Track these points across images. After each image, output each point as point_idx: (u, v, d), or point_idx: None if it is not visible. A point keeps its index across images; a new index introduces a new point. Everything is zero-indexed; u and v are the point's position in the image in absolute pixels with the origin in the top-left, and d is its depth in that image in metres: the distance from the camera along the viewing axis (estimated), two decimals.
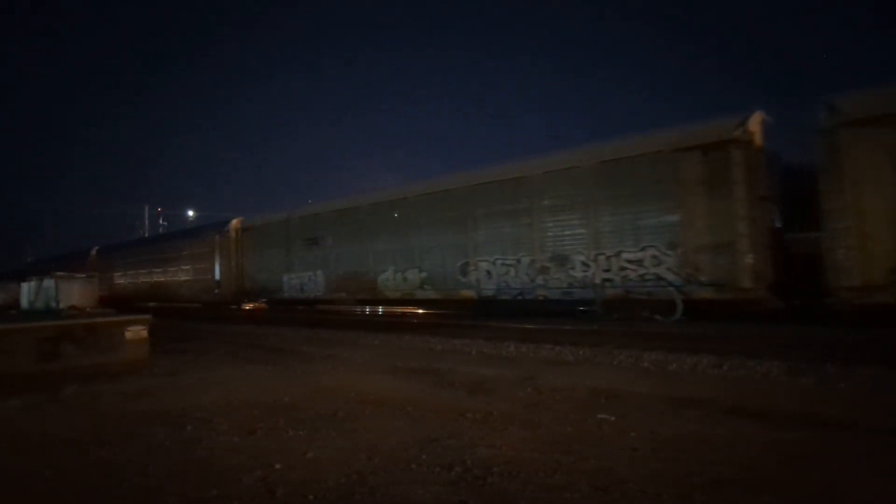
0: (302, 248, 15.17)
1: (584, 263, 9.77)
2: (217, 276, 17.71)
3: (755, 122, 8.17)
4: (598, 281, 9.58)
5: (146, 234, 42.52)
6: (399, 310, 14.79)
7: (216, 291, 17.69)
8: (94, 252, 26.48)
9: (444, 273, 11.96)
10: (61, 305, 7.59)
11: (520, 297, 10.73)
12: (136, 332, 6.58)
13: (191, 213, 46.66)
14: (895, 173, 6.78)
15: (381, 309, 15.31)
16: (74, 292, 7.96)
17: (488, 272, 11.17)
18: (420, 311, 14.11)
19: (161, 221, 45.57)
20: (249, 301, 17.39)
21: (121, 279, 23.91)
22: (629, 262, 9.22)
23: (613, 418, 3.40)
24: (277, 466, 2.67)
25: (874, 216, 6.93)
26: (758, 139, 8.13)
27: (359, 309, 15.48)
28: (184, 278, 19.55)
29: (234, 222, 17.73)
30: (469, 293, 11.53)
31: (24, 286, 8.51)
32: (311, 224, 15.13)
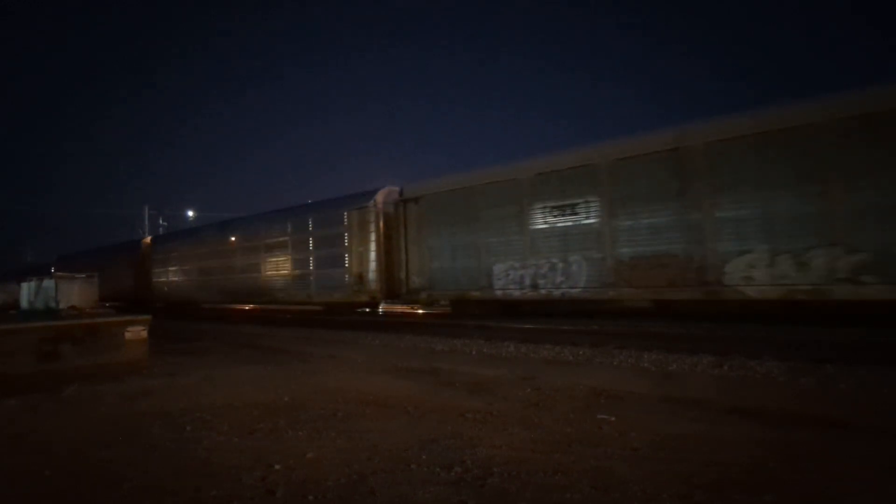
0: (539, 220, 9.71)
1: None
2: (351, 268, 12.84)
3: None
4: None
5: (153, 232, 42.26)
6: (398, 310, 14.38)
7: (354, 289, 12.79)
8: (146, 242, 21.97)
9: None
10: (61, 306, 7.58)
11: None
12: (136, 332, 6.58)
13: (190, 213, 46.63)
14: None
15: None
16: (74, 292, 7.95)
17: None
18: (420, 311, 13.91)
19: (161, 222, 45.53)
20: (410, 301, 12.46)
21: (181, 275, 19.17)
22: None
23: (613, 418, 3.40)
24: (277, 467, 2.67)
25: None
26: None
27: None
28: (283, 272, 14.81)
29: (382, 193, 12.82)
30: None
31: (24, 286, 8.50)
32: (564, 182, 9.44)
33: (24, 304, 8.41)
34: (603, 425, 3.28)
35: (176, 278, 19.42)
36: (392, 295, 12.53)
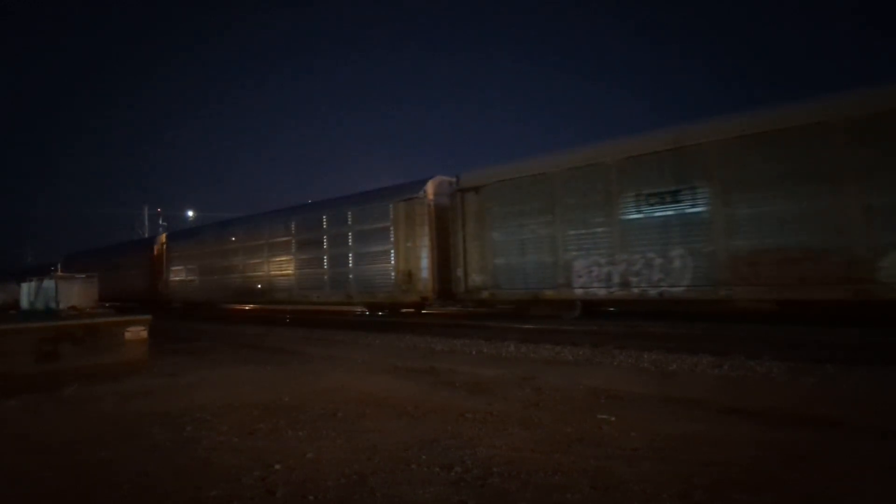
0: (631, 210, 8.51)
1: None
2: (398, 265, 11.64)
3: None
4: None
5: (144, 233, 42.21)
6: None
7: (402, 288, 11.53)
8: (162, 239, 20.65)
9: None
10: (61, 306, 7.58)
11: None
12: (136, 332, 6.58)
13: (190, 213, 46.65)
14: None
15: None
16: (74, 293, 7.95)
17: None
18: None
19: (161, 222, 45.54)
20: (469, 301, 11.07)
21: (200, 274, 17.89)
22: None
23: (613, 418, 3.40)
24: (277, 467, 2.67)
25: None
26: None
27: None
28: (317, 271, 13.61)
29: (433, 183, 11.61)
30: None
31: (24, 286, 8.51)
32: (663, 166, 8.26)
33: (24, 304, 8.41)
34: (603, 425, 3.28)
35: (194, 277, 18.11)
36: (446, 295, 11.30)
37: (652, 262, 8.29)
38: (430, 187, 11.56)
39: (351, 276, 12.79)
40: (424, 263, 11.35)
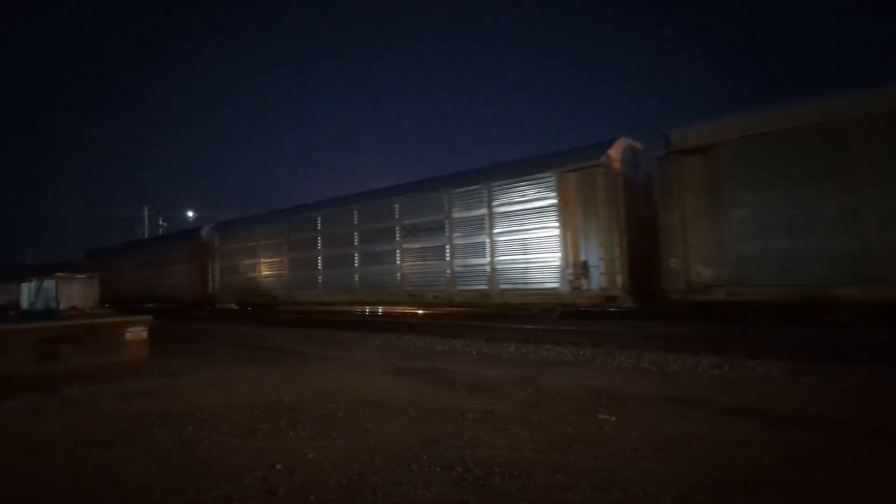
0: None
1: None
2: (566, 255, 9.06)
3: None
4: None
5: (145, 235, 42.15)
6: (398, 310, 14.09)
7: (574, 284, 8.96)
8: (204, 233, 18.05)
9: None
10: (61, 306, 7.59)
11: None
12: (136, 332, 6.58)
13: (190, 213, 46.65)
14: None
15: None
16: (74, 293, 7.96)
17: None
18: (419, 311, 13.81)
19: (161, 222, 45.53)
20: (687, 301, 8.06)
21: (264, 270, 15.59)
22: None
23: (614, 418, 3.41)
24: (278, 467, 2.67)
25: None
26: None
27: None
28: (437, 262, 10.97)
29: (619, 146, 9.04)
30: None
31: (24, 287, 8.51)
32: None
33: (24, 304, 8.42)
34: (604, 425, 3.28)
35: (254, 273, 15.82)
36: (640, 292, 8.80)
37: None
38: (614, 152, 8.83)
39: (489, 269, 10.06)
40: (616, 252, 8.66)
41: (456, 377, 5.02)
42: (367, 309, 15.25)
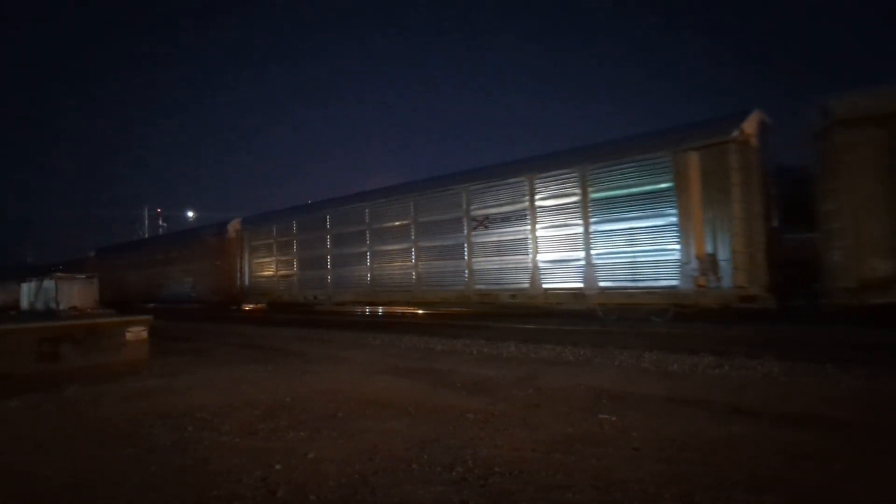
0: None
1: None
2: (688, 247, 7.64)
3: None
4: None
5: (145, 235, 42.11)
6: (398, 310, 14.02)
7: (698, 281, 7.47)
8: (235, 226, 16.28)
9: None
10: (61, 306, 7.59)
11: None
12: (136, 332, 6.58)
13: (190, 213, 46.67)
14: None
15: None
16: (74, 293, 7.96)
17: None
18: (419, 311, 13.77)
19: (161, 222, 45.55)
20: (859, 300, 6.51)
21: (302, 267, 14.06)
22: None
23: (614, 418, 3.41)
24: (278, 467, 2.67)
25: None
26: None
27: None
28: (516, 257, 9.55)
29: (752, 120, 7.63)
30: None
31: (24, 287, 8.51)
32: None
33: (24, 304, 8.42)
34: (604, 425, 3.28)
35: (289, 271, 14.43)
36: (780, 291, 7.30)
37: None
38: (750, 125, 7.46)
39: (587, 265, 8.67)
40: (752, 243, 7.26)
41: (456, 377, 5.02)
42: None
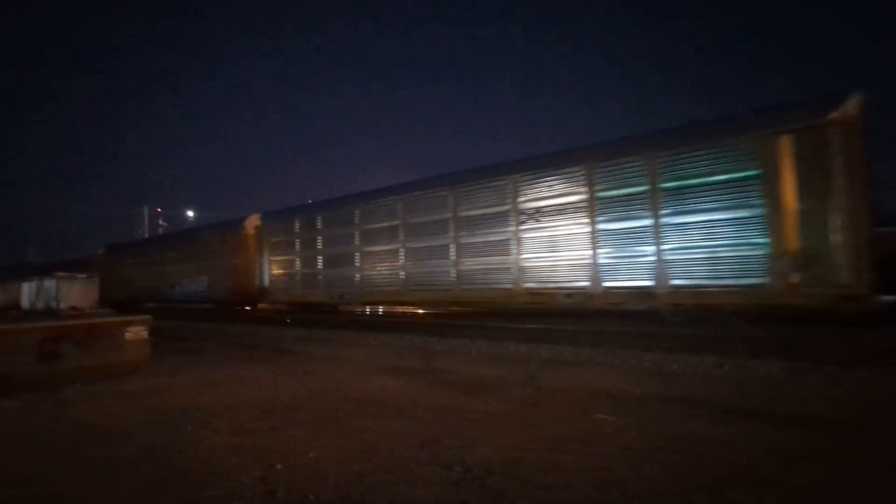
0: None
1: None
2: (777, 240, 6.93)
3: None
4: None
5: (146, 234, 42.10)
6: (399, 309, 14.03)
7: (789, 279, 6.75)
8: (254, 221, 15.41)
9: None
10: (62, 306, 7.59)
11: None
12: (137, 332, 6.57)
13: (190, 213, 46.70)
14: None
15: None
16: (75, 293, 7.96)
17: None
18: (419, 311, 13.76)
19: (161, 222, 45.57)
20: None
21: (334, 265, 13.10)
22: None
23: (614, 418, 3.40)
24: (278, 466, 2.67)
25: None
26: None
27: None
28: (576, 253, 8.72)
29: (857, 99, 6.73)
30: None
31: (25, 286, 8.52)
32: None
33: (24, 304, 8.42)
34: (603, 425, 3.28)
35: (312, 269, 13.68)
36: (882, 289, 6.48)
37: None
38: (853, 106, 6.67)
39: (658, 260, 7.91)
40: (857, 238, 6.47)
41: (455, 377, 5.02)
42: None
